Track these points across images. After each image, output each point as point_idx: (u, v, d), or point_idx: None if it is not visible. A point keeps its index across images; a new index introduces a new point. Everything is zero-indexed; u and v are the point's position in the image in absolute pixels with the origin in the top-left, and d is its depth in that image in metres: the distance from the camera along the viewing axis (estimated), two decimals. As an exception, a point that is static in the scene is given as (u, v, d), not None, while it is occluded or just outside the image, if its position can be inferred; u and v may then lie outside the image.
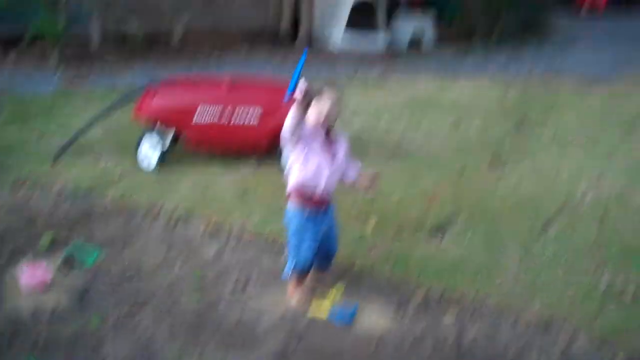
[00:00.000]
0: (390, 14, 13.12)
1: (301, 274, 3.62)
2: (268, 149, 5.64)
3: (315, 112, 3.36)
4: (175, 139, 6.11)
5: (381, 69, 10.63)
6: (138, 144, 5.68)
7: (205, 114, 5.54)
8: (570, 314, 3.56)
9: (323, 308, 3.60)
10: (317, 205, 3.48)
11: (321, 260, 3.70)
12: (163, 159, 5.62)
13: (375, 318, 3.54)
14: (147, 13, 11.84)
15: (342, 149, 3.52)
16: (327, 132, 3.50)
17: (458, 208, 4.88)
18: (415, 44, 12.91)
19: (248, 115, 5.53)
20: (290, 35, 12.71)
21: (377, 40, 12.28)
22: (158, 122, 5.82)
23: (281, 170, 5.17)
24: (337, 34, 12.09)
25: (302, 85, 3.36)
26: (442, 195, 5.13)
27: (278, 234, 4.33)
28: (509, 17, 13.45)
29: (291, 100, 3.40)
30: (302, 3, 12.14)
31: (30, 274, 3.73)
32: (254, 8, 12.95)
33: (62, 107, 7.48)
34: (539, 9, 14.14)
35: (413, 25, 13.11)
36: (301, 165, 3.37)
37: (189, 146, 5.89)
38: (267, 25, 12.85)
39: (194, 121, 5.55)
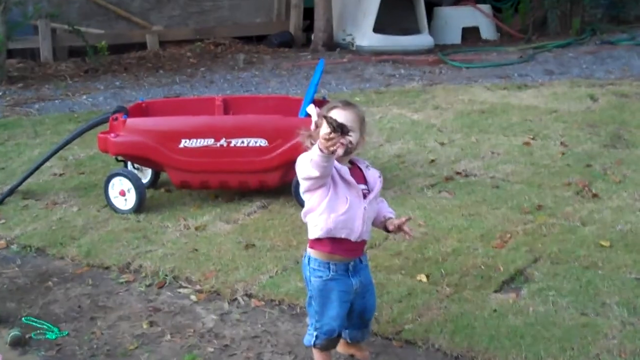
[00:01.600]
0: (432, 6, 13.30)
1: (326, 347, 3.62)
2: (279, 181, 5.70)
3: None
4: (155, 174, 6.22)
5: (425, 75, 10.72)
6: (107, 183, 5.76)
7: (191, 146, 5.64)
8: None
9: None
10: (347, 256, 3.49)
11: (354, 328, 3.69)
12: (141, 201, 5.70)
13: (432, 404, 3.52)
14: (112, 18, 12.12)
15: (374, 179, 3.55)
16: (352, 161, 3.54)
17: (537, 253, 4.87)
18: (469, 36, 13.02)
19: (249, 144, 5.63)
20: (301, 39, 12.91)
21: (417, 37, 12.41)
22: (130, 157, 5.93)
23: (298, 208, 5.21)
24: (364, 34, 12.24)
25: (314, 108, 3.40)
26: (515, 236, 5.12)
27: (295, 296, 4.35)
28: (593, 0, 13.55)
29: (307, 119, 3.46)
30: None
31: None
32: (251, 7, 13.17)
33: (2, 141, 7.62)
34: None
35: (465, 13, 13.23)
36: (327, 207, 3.39)
37: (172, 184, 5.97)
38: (270, 28, 13.07)
39: (176, 156, 5.65)
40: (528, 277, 4.59)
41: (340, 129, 3.06)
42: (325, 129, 3.17)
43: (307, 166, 3.23)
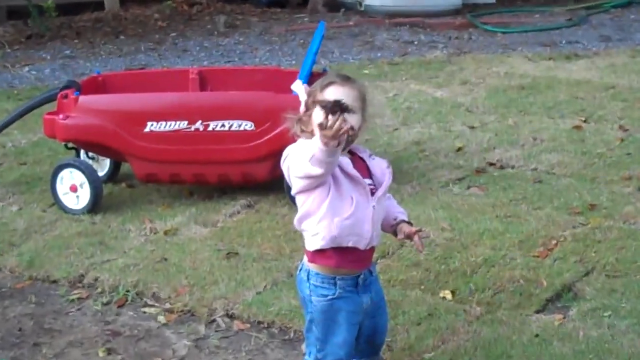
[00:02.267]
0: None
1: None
2: (268, 174, 5.72)
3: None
4: (115, 166, 6.22)
5: (450, 42, 10.71)
6: (54, 177, 5.77)
7: (159, 130, 5.66)
8: None
9: None
10: (356, 268, 3.49)
11: (362, 355, 3.70)
12: (96, 198, 5.70)
13: None
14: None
15: (381, 170, 3.54)
16: (351, 150, 3.52)
17: (590, 264, 4.87)
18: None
19: (231, 128, 5.65)
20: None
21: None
22: (83, 144, 5.92)
23: (291, 207, 5.21)
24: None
25: (301, 85, 3.39)
26: (562, 243, 5.12)
27: (288, 316, 4.35)
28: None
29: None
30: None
31: None
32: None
33: None
34: None
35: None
36: (328, 210, 3.38)
37: (136, 177, 5.97)
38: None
39: (141, 142, 5.66)
40: (578, 293, 4.59)
41: (338, 108, 3.04)
42: (319, 116, 3.14)
43: (304, 163, 3.21)
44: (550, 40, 10.72)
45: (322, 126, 3.06)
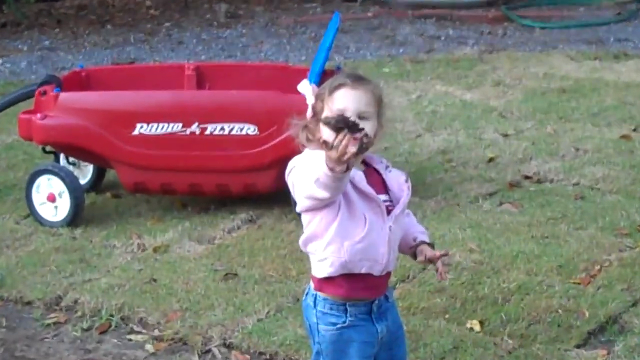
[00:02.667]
0: None
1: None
2: (273, 184, 5.72)
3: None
4: (98, 173, 6.22)
5: (482, 38, 10.71)
6: (30, 184, 5.78)
7: (150, 133, 5.67)
8: None
9: None
10: (369, 296, 3.49)
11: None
12: (77, 209, 5.72)
13: None
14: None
15: (398, 185, 3.52)
16: (366, 160, 3.50)
17: (638, 294, 4.86)
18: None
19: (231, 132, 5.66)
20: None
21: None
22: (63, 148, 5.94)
23: (299, 223, 5.21)
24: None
25: (309, 86, 3.37)
26: (607, 269, 5.11)
27: (294, 347, 4.34)
28: None
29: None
30: None
31: None
32: None
33: None
34: None
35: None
36: (337, 233, 3.36)
37: (122, 186, 5.98)
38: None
39: (129, 147, 5.67)
40: (624, 326, 4.58)
41: (342, 124, 3.00)
42: (324, 132, 3.11)
43: (309, 184, 3.18)
44: (596, 37, 10.71)
45: (326, 144, 3.03)
